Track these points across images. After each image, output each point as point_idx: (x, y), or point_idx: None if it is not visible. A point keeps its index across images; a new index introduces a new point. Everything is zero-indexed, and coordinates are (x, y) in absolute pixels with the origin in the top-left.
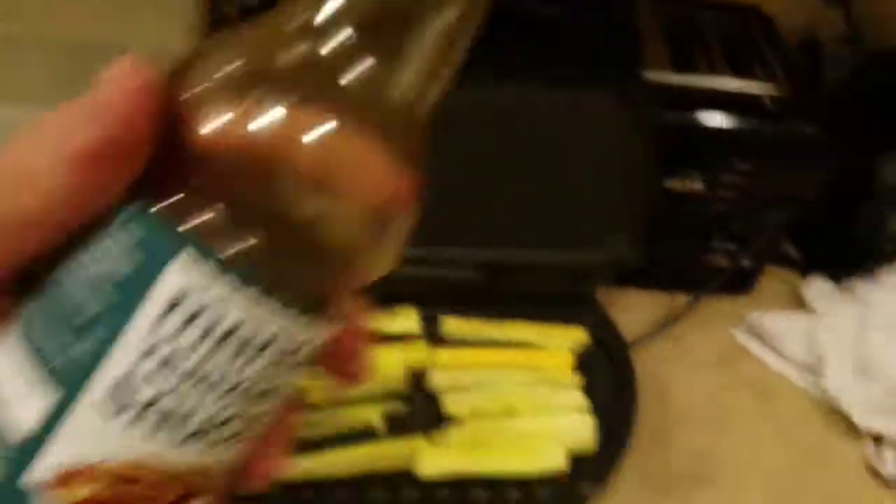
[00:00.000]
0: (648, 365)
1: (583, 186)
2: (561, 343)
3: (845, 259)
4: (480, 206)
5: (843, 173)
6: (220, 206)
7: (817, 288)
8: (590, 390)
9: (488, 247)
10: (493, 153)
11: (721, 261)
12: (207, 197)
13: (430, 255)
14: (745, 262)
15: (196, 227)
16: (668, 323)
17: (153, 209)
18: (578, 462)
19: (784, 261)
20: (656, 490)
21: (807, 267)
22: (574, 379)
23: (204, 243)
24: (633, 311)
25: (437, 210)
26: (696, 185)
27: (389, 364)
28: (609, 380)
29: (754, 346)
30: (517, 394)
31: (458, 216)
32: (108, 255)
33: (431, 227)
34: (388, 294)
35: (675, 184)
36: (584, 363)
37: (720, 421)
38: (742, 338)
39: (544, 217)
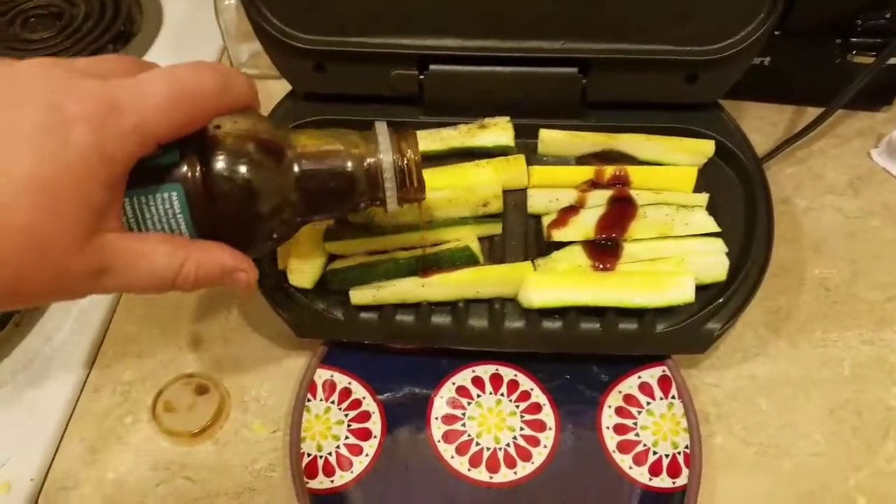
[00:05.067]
0: (772, 190)
1: None
2: (683, 158)
3: None
4: None
5: None
6: None
7: None
8: (716, 213)
9: (588, 40)
10: None
11: (863, 60)
12: None
13: (523, 51)
14: (893, 61)
15: None
16: (793, 140)
17: None
18: (704, 295)
19: None
20: (782, 331)
21: None
22: (700, 199)
23: None
24: (755, 127)
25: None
26: None
27: (482, 182)
28: (738, 201)
29: (894, 168)
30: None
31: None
32: None
33: (522, 17)
34: (477, 104)
35: None
36: (711, 182)
37: (855, 254)
38: (879, 158)
39: (650, 3)
